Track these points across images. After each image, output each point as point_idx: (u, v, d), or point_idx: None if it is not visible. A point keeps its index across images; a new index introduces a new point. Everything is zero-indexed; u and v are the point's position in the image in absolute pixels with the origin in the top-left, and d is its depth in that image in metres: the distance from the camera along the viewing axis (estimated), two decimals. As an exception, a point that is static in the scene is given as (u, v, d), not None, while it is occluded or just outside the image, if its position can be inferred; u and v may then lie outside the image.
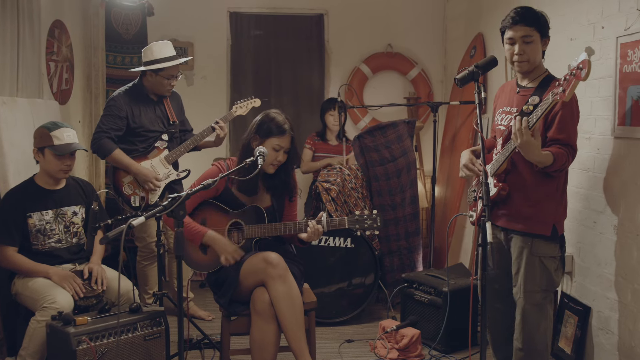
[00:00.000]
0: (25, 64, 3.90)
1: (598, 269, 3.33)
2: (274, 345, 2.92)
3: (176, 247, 2.49)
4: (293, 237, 3.21)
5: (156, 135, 4.14)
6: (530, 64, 2.94)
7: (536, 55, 2.93)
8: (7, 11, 3.67)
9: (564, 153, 2.79)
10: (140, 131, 4.08)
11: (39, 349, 3.02)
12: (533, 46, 2.91)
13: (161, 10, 5.51)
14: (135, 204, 4.02)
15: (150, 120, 4.12)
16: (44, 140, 3.30)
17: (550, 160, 2.76)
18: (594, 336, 3.37)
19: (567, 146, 2.82)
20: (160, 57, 4.01)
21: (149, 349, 2.96)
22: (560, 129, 2.83)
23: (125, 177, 4.06)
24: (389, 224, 4.74)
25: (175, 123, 4.24)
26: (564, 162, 2.79)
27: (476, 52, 5.07)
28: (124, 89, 4.13)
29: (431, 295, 3.95)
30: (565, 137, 2.83)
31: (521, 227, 2.96)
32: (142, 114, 4.09)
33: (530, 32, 2.89)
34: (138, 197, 4.05)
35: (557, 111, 2.84)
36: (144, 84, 4.13)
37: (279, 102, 6.03)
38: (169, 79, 4.06)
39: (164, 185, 4.14)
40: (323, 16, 5.99)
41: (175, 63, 4.04)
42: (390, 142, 4.77)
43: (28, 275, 3.25)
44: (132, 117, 4.04)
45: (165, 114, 4.20)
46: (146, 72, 4.07)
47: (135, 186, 4.06)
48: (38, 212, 3.33)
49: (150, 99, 4.15)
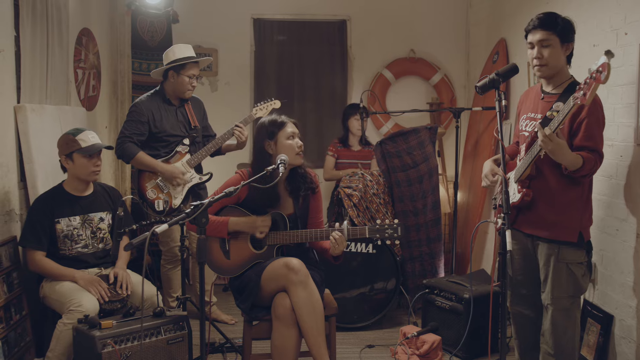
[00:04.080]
0: (53, 72, 4.00)
1: (621, 277, 3.30)
2: (294, 351, 2.95)
3: (199, 253, 2.53)
4: (324, 252, 3.24)
5: (178, 139, 4.20)
6: (549, 69, 2.94)
7: (556, 60, 2.93)
8: (37, 21, 3.77)
9: (593, 158, 2.80)
10: (162, 136, 4.15)
11: (66, 351, 3.09)
12: (551, 50, 2.91)
13: (186, 17, 5.59)
14: (159, 208, 4.09)
15: (171, 125, 4.19)
16: (71, 145, 3.38)
17: (580, 163, 2.76)
18: (616, 345, 3.34)
19: (595, 152, 2.82)
20: (182, 56, 4.13)
21: (171, 353, 3.02)
22: (588, 137, 2.83)
23: (149, 182, 4.12)
24: (410, 229, 4.75)
25: (196, 128, 4.30)
26: (592, 166, 2.79)
27: (499, 57, 5.06)
28: (146, 95, 4.23)
29: (452, 301, 3.95)
30: (592, 144, 2.83)
31: (547, 234, 2.96)
32: (163, 119, 4.16)
33: (547, 36, 2.90)
34: (162, 201, 4.10)
35: (582, 118, 2.83)
36: (165, 89, 4.22)
37: (302, 107, 6.09)
38: (191, 78, 4.14)
39: (187, 188, 4.19)
40: (346, 22, 6.03)
41: (196, 60, 4.15)
42: (412, 148, 4.78)
43: (55, 279, 3.33)
44: (153, 122, 4.12)
45: (186, 119, 4.27)
46: (168, 75, 4.15)
47: (158, 190, 4.12)
48: (66, 218, 3.41)
49: (171, 104, 4.23)
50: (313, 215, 3.35)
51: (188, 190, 4.21)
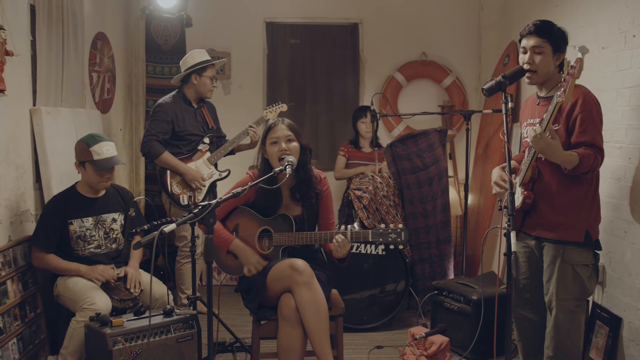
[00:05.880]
0: (69, 75, 4.09)
1: (629, 280, 3.29)
2: (300, 350, 2.98)
3: (206, 253, 2.57)
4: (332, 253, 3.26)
5: (198, 138, 4.48)
6: (538, 76, 2.97)
7: (546, 67, 2.94)
8: (52, 25, 3.84)
9: (591, 154, 2.77)
10: (184, 135, 4.40)
11: (79, 348, 3.16)
12: (543, 58, 2.93)
13: (199, 21, 5.65)
14: (184, 202, 4.35)
15: (192, 125, 4.44)
16: (84, 155, 3.45)
17: (577, 160, 2.75)
18: (624, 347, 3.33)
19: (593, 147, 2.81)
20: (201, 60, 4.40)
21: (181, 351, 3.07)
22: (583, 131, 2.83)
23: (174, 178, 4.37)
24: (420, 232, 4.76)
25: (213, 128, 4.58)
26: (592, 162, 2.77)
27: (509, 60, 5.06)
28: (169, 96, 4.47)
29: (460, 303, 3.96)
30: (589, 138, 2.82)
31: (552, 235, 2.96)
32: (185, 119, 4.41)
33: (540, 43, 2.92)
34: (186, 196, 4.37)
35: (576, 115, 2.85)
36: (185, 92, 4.45)
37: (314, 110, 6.13)
38: (212, 79, 4.42)
39: (209, 184, 4.46)
40: (358, 25, 6.06)
41: (216, 62, 4.45)
42: (422, 151, 4.80)
43: (61, 274, 3.42)
44: (177, 122, 4.36)
45: (204, 120, 4.54)
46: (190, 78, 4.40)
47: (183, 186, 4.38)
48: (79, 219, 3.48)
49: (191, 106, 4.47)
50: (323, 216, 3.38)
51: (210, 186, 4.48)
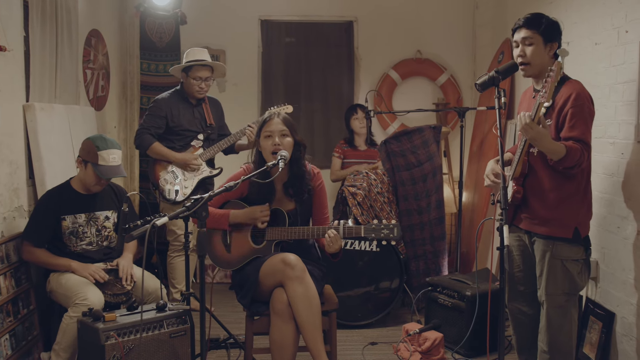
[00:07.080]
0: (62, 71, 4.08)
1: (622, 275, 3.30)
2: (292, 345, 2.97)
3: (199, 247, 2.58)
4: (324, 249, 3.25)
5: (193, 134, 4.49)
6: (532, 68, 2.98)
7: (538, 58, 2.96)
8: (46, 22, 3.84)
9: (578, 148, 2.78)
10: (177, 130, 4.44)
11: (72, 344, 3.15)
12: (534, 49, 2.95)
13: (194, 19, 5.65)
14: (170, 196, 4.36)
15: (188, 121, 4.46)
16: (90, 156, 3.41)
17: (563, 151, 2.76)
18: (618, 342, 3.34)
19: (581, 142, 2.82)
20: (194, 58, 4.39)
21: (174, 346, 3.07)
22: (572, 126, 2.84)
23: (162, 172, 4.40)
24: (414, 228, 4.77)
25: (212, 125, 4.57)
26: (578, 157, 2.77)
27: (504, 57, 5.07)
28: (168, 92, 4.52)
29: (454, 299, 3.97)
30: (577, 134, 2.83)
31: (543, 230, 2.98)
32: (180, 115, 4.44)
33: (530, 35, 2.95)
34: (173, 190, 4.38)
35: (566, 111, 2.86)
36: (184, 88, 4.49)
37: (309, 108, 6.13)
38: (196, 80, 4.38)
39: (197, 181, 4.45)
40: (353, 23, 6.06)
41: (198, 64, 4.36)
42: (416, 148, 4.80)
43: (51, 269, 3.41)
44: (170, 117, 4.41)
45: (203, 117, 4.54)
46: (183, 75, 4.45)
47: (171, 179, 4.40)
48: (72, 215, 3.47)
49: (189, 102, 4.49)
50: (317, 212, 3.37)
51: (198, 182, 4.46)
